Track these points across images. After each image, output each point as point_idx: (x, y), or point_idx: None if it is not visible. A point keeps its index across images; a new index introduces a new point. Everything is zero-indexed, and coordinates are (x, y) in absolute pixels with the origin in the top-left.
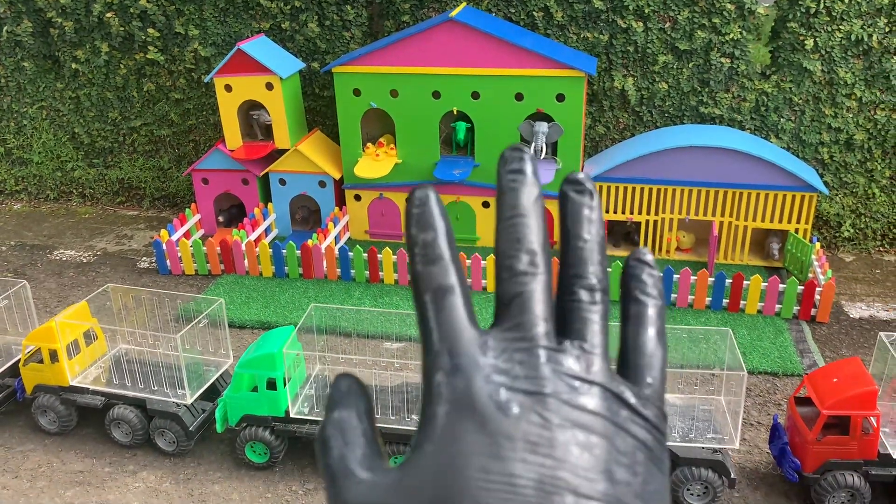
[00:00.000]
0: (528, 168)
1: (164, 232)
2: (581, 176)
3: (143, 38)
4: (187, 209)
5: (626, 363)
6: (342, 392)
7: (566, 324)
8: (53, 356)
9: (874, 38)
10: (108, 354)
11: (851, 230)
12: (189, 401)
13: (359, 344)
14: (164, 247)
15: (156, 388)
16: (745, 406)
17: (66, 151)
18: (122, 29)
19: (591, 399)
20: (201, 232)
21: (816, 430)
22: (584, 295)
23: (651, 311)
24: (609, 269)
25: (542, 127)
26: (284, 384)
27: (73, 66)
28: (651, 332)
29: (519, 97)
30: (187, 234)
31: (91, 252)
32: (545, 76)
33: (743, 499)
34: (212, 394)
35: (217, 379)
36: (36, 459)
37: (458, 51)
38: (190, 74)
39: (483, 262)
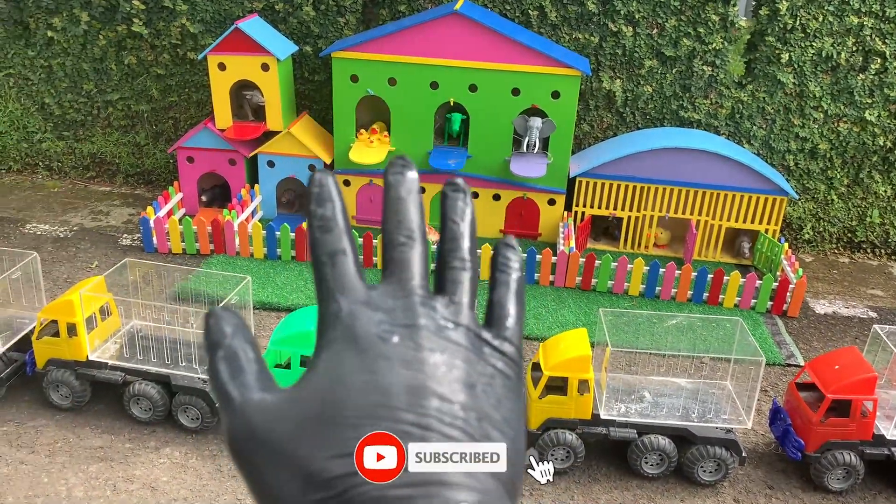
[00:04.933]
0: (408, 170)
1: (150, 209)
2: (458, 180)
3: (128, 9)
4: (170, 187)
5: (491, 316)
6: (222, 325)
7: (441, 286)
8: (71, 330)
9: (842, 55)
10: (123, 330)
11: (811, 233)
12: None
13: None
14: (152, 224)
15: (183, 364)
16: (737, 392)
17: (33, 122)
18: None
19: (458, 335)
20: (183, 211)
21: (821, 412)
22: (456, 263)
23: (513, 280)
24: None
25: (536, 122)
26: None
27: (49, 33)
28: (512, 294)
29: (515, 92)
30: (169, 213)
31: (67, 227)
32: (542, 73)
33: (747, 476)
34: None
35: None
36: (50, 435)
37: (458, 43)
38: (175, 50)
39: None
